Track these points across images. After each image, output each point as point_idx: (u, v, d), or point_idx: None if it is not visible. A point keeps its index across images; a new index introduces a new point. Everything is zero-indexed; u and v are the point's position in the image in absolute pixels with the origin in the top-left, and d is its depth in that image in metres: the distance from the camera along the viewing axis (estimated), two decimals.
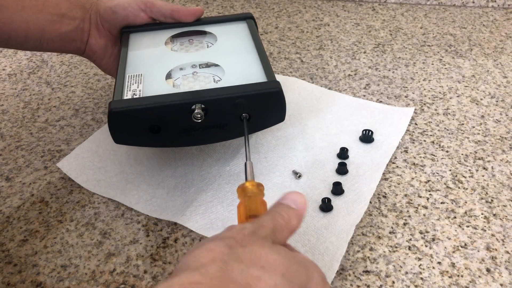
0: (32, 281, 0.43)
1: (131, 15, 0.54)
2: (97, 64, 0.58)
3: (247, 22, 0.59)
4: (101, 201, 0.51)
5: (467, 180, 0.52)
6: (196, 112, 0.43)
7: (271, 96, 0.45)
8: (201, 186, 0.51)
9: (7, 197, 0.52)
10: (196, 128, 0.46)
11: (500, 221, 0.47)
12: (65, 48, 0.54)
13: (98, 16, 0.54)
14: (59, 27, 0.52)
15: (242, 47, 0.54)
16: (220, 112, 0.45)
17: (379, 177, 0.51)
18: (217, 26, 0.58)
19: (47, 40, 0.52)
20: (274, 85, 0.45)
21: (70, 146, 0.59)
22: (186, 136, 0.47)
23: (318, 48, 0.80)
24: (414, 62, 0.75)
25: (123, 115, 0.44)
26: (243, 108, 0.45)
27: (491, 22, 0.87)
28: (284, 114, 0.48)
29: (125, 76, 0.49)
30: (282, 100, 0.46)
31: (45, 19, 0.51)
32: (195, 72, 0.50)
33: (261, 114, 0.47)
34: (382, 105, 0.63)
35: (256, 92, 0.45)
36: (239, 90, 0.45)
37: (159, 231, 0.47)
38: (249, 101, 0.45)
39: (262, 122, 0.49)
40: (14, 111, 0.67)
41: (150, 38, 0.56)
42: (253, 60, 0.51)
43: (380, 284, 0.41)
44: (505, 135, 0.58)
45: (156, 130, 0.45)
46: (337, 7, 0.96)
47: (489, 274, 0.42)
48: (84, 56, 0.57)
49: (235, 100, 0.44)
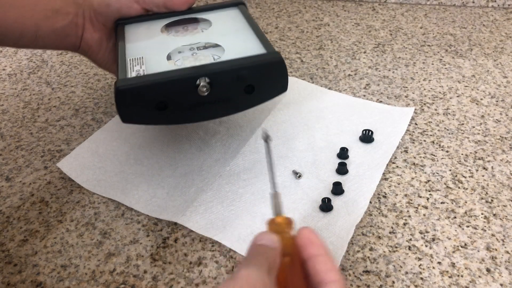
0: (32, 281, 0.43)
1: (125, 7, 0.55)
2: (92, 59, 0.58)
3: (239, 8, 0.59)
4: (101, 201, 0.51)
5: (467, 180, 0.52)
6: (202, 85, 0.44)
7: (273, 65, 0.46)
8: (201, 186, 0.51)
9: (7, 197, 0.52)
10: (202, 103, 0.46)
11: (500, 221, 0.47)
12: (60, 44, 0.54)
13: (91, 10, 0.54)
14: (54, 22, 0.52)
15: (237, 28, 0.55)
16: (225, 85, 0.46)
17: (379, 177, 0.51)
18: (210, 13, 0.59)
19: (42, 36, 0.52)
20: (275, 55, 0.46)
21: (70, 146, 0.59)
22: (192, 112, 0.47)
23: (318, 48, 0.80)
24: (414, 62, 0.75)
25: (130, 93, 0.44)
26: (246, 80, 0.46)
27: (491, 22, 0.87)
28: (287, 84, 0.48)
29: (127, 60, 0.49)
30: (284, 69, 0.47)
31: (39, 15, 0.51)
32: (194, 53, 0.50)
33: (264, 85, 0.47)
34: (382, 105, 0.63)
35: (258, 63, 0.46)
36: (242, 62, 0.46)
37: (159, 231, 0.47)
38: (252, 72, 0.46)
39: (265, 93, 0.49)
40: (14, 111, 0.67)
41: (145, 28, 0.56)
42: (250, 37, 0.52)
43: (380, 284, 0.41)
44: (505, 135, 0.58)
45: (163, 107, 0.46)
46: (337, 7, 0.96)
47: (489, 274, 0.42)
48: (79, 52, 0.57)
49: (239, 71, 0.45)
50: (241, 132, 0.59)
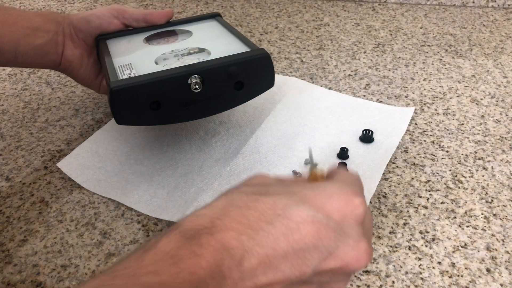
0: (32, 281, 0.43)
1: (105, 23, 0.56)
2: (74, 75, 0.58)
3: (216, 19, 0.61)
4: (101, 201, 0.51)
5: (467, 180, 0.52)
6: (194, 82, 0.45)
7: (260, 61, 0.48)
8: (201, 186, 0.51)
9: (7, 197, 0.52)
10: (194, 101, 0.48)
11: (500, 221, 0.47)
12: (40, 61, 0.55)
13: (71, 27, 0.55)
14: (33, 40, 0.53)
15: (218, 34, 0.56)
16: (215, 82, 0.47)
17: (379, 177, 0.51)
18: (189, 25, 0.60)
19: (22, 53, 0.53)
20: (261, 51, 0.49)
21: (70, 146, 0.59)
22: (185, 111, 0.48)
23: (318, 48, 0.80)
24: (414, 62, 0.75)
25: (124, 93, 0.44)
26: (235, 76, 0.48)
27: (491, 22, 0.87)
28: (273, 79, 0.51)
29: (115, 66, 0.50)
30: (270, 64, 0.49)
31: (19, 32, 0.52)
32: (180, 58, 0.51)
33: (253, 80, 0.49)
34: (382, 105, 0.63)
35: (247, 59, 0.48)
36: (231, 59, 0.47)
37: (159, 231, 0.47)
38: (241, 68, 0.47)
39: (254, 89, 0.51)
40: (14, 111, 0.67)
41: (127, 41, 0.57)
42: (233, 40, 0.54)
43: (380, 284, 0.41)
44: (505, 135, 0.58)
45: (156, 107, 0.46)
46: (337, 7, 0.96)
47: (489, 274, 0.42)
48: (60, 69, 0.58)
49: (228, 68, 0.47)
50: (241, 132, 0.59)
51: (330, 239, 0.27)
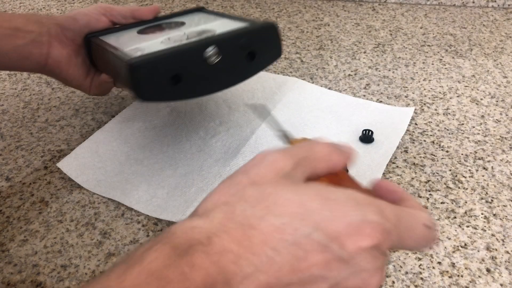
0: (32, 281, 0.43)
1: (93, 20, 0.56)
2: (62, 76, 0.57)
3: (203, 11, 0.62)
4: (101, 201, 0.51)
5: (467, 180, 0.52)
6: (212, 53, 0.47)
7: (269, 30, 0.51)
8: (201, 186, 0.51)
9: (7, 197, 0.52)
10: (212, 72, 0.48)
11: (500, 221, 0.47)
12: (23, 63, 0.54)
13: (58, 27, 0.55)
14: (14, 40, 0.52)
15: (213, 19, 0.57)
16: (230, 54, 0.48)
17: (379, 177, 0.51)
18: (178, 17, 0.61)
19: (3, 53, 0.52)
20: (268, 22, 0.51)
21: (70, 146, 0.59)
22: (205, 84, 0.49)
23: (318, 48, 0.80)
24: (414, 62, 0.75)
25: (145, 67, 0.44)
26: (248, 47, 0.49)
27: (491, 22, 0.87)
28: (281, 49, 0.53)
29: (124, 50, 0.50)
30: (278, 33, 0.52)
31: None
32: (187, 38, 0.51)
33: (263, 50, 0.51)
34: (382, 105, 0.63)
35: (257, 29, 0.50)
36: (243, 30, 0.49)
37: (159, 231, 0.47)
38: (253, 38, 0.49)
39: (265, 59, 0.52)
40: (14, 111, 0.68)
41: (121, 35, 0.56)
42: (232, 20, 0.55)
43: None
44: (505, 135, 0.58)
45: (176, 81, 0.46)
46: (337, 7, 0.96)
47: (489, 274, 0.42)
48: (46, 72, 0.57)
49: (242, 38, 0.48)
50: (241, 132, 0.59)
51: (339, 270, 0.25)
